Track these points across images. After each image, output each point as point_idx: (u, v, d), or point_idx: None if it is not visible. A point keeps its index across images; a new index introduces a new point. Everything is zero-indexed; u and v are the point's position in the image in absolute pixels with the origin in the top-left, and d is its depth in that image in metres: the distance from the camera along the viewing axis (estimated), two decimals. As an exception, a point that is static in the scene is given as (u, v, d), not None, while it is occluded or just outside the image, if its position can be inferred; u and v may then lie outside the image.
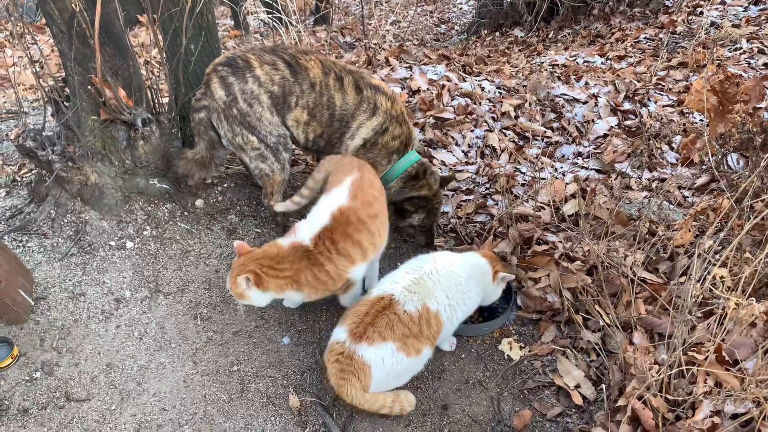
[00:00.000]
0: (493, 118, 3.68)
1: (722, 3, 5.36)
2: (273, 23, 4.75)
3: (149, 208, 2.58)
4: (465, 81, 4.08)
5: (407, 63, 4.46)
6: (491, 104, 3.81)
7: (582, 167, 3.25)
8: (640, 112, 3.67)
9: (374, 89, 2.42)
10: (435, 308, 1.92)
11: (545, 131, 3.58)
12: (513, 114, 3.70)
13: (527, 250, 2.54)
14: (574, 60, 4.67)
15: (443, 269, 2.00)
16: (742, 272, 1.89)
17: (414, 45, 5.84)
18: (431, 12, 7.90)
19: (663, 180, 3.03)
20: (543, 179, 3.06)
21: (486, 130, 3.54)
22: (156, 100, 2.58)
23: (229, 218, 2.69)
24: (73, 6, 2.08)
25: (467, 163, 3.35)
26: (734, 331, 1.83)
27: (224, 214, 2.70)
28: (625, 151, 3.26)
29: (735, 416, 1.68)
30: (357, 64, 4.45)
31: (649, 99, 3.82)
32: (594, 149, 3.41)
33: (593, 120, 3.64)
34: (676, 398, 1.75)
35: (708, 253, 1.97)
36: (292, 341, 2.21)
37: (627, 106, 3.76)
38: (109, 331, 2.18)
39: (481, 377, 2.10)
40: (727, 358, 1.81)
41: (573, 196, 2.87)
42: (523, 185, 3.11)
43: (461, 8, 8.10)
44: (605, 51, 4.90)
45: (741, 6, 5.27)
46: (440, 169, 3.20)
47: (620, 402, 1.84)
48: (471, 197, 3.02)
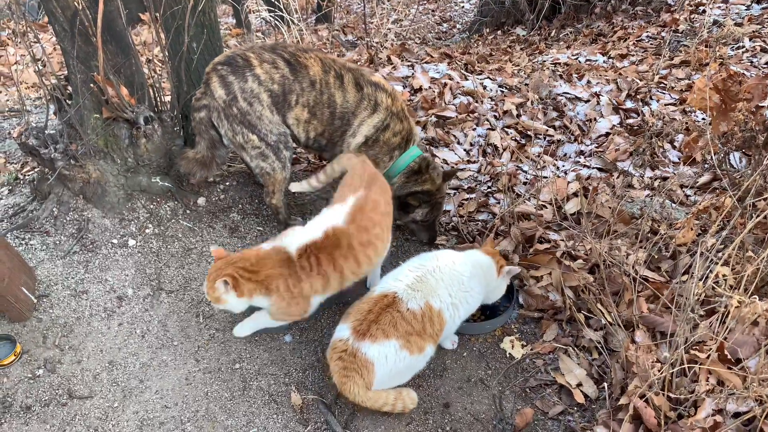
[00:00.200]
0: (495, 117, 3.67)
1: (725, 1, 5.35)
2: (275, 22, 4.75)
3: (151, 206, 2.58)
4: (467, 79, 4.08)
5: (409, 61, 4.46)
6: (493, 103, 3.81)
7: (584, 166, 3.25)
8: (642, 111, 3.67)
9: (374, 86, 2.42)
10: (438, 306, 1.92)
11: (547, 130, 3.57)
12: (515, 112, 3.69)
13: (529, 249, 2.54)
14: (576, 58, 4.66)
15: (446, 267, 2.01)
16: (745, 271, 1.89)
17: (416, 43, 5.83)
18: (433, 10, 7.89)
19: (665, 179, 3.02)
20: (545, 178, 3.06)
21: (488, 129, 3.54)
22: (158, 99, 2.59)
23: (231, 216, 2.70)
24: (76, 4, 2.08)
25: (469, 162, 3.35)
26: (736, 330, 1.83)
27: (226, 213, 2.70)
28: (627, 150, 3.26)
29: (737, 415, 1.68)
30: (359, 63, 4.45)
31: (651, 97, 3.82)
32: (596, 148, 3.40)
33: (595, 118, 3.63)
34: (678, 397, 1.75)
35: (710, 252, 1.96)
36: (294, 339, 2.21)
37: (629, 105, 3.75)
38: (112, 329, 2.18)
39: (483, 375, 2.10)
40: (730, 357, 1.81)
41: (575, 195, 2.87)
42: (525, 184, 3.10)
43: (463, 7, 8.09)
44: (607, 49, 4.89)
45: (743, 4, 5.26)
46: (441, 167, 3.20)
47: (622, 400, 1.84)
48: (473, 196, 3.02)
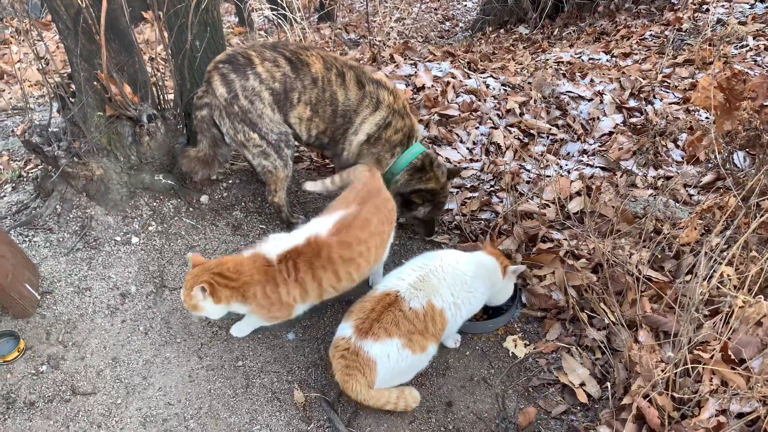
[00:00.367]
0: (498, 116, 3.67)
1: (728, 0, 5.33)
2: (277, 20, 4.75)
3: (154, 204, 2.58)
4: (470, 78, 4.07)
5: (412, 60, 4.45)
6: (496, 101, 3.80)
7: (587, 165, 3.24)
8: (646, 110, 3.66)
9: (376, 84, 2.42)
10: (440, 306, 1.92)
11: (550, 128, 3.56)
12: (518, 111, 3.69)
13: (532, 248, 2.54)
14: (579, 57, 4.65)
15: (449, 267, 2.00)
16: (749, 271, 1.89)
17: (418, 42, 5.82)
18: (435, 9, 7.88)
19: (668, 178, 3.02)
20: (548, 177, 3.05)
21: (491, 128, 3.53)
22: (161, 97, 2.59)
23: (234, 214, 2.70)
24: (79, 2, 2.08)
25: (472, 161, 3.34)
26: (740, 330, 1.83)
27: (229, 210, 2.71)
28: (631, 149, 3.25)
29: (741, 415, 1.67)
30: (362, 61, 4.45)
31: (655, 96, 3.80)
32: (599, 147, 3.39)
33: (598, 117, 3.62)
34: (682, 397, 1.75)
35: (714, 252, 1.96)
36: (297, 337, 2.21)
37: (632, 104, 3.74)
38: (115, 326, 2.19)
39: (486, 374, 2.10)
40: (733, 357, 1.80)
41: (578, 194, 2.87)
42: (528, 183, 3.10)
43: (465, 5, 8.08)
44: (610, 48, 4.88)
45: (747, 3, 5.24)
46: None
47: (625, 400, 1.83)
48: (476, 194, 3.02)
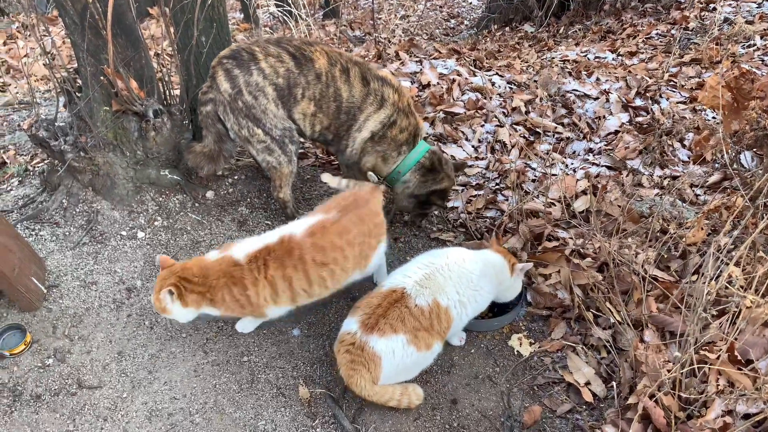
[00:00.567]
0: (504, 113, 3.66)
1: (736, -1, 5.31)
2: (283, 17, 4.75)
3: (160, 199, 2.59)
4: (475, 76, 4.06)
5: (417, 57, 4.44)
6: (502, 99, 3.79)
7: (593, 164, 3.23)
8: (652, 109, 3.64)
9: (381, 81, 2.41)
10: (445, 304, 1.92)
11: (556, 127, 3.55)
12: (523, 109, 3.68)
13: (538, 246, 2.54)
14: (585, 55, 4.64)
15: (455, 265, 2.00)
16: (756, 271, 1.88)
17: (424, 39, 5.81)
18: (441, 6, 7.86)
19: (675, 178, 3.01)
20: (554, 175, 3.05)
21: (496, 125, 3.52)
22: (167, 92, 2.59)
23: (240, 210, 2.70)
24: (87, -3, 2.08)
25: (477, 158, 3.34)
26: (747, 331, 1.82)
27: (235, 206, 2.71)
28: (637, 148, 3.24)
29: (747, 416, 1.67)
30: (367, 58, 4.44)
31: (661, 95, 3.79)
32: (605, 146, 3.39)
33: (604, 116, 3.61)
34: (688, 397, 1.75)
35: (722, 252, 1.95)
36: (302, 333, 2.22)
37: (638, 103, 3.73)
38: (121, 320, 2.19)
39: (491, 372, 2.10)
40: (740, 358, 1.80)
41: (584, 193, 2.86)
42: (534, 181, 3.09)
43: (470, 3, 8.05)
44: (616, 47, 4.86)
45: (755, 2, 5.21)
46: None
47: (631, 400, 1.83)
48: (481, 192, 3.01)
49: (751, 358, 1.78)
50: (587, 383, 2.00)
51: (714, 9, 5.13)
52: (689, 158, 3.18)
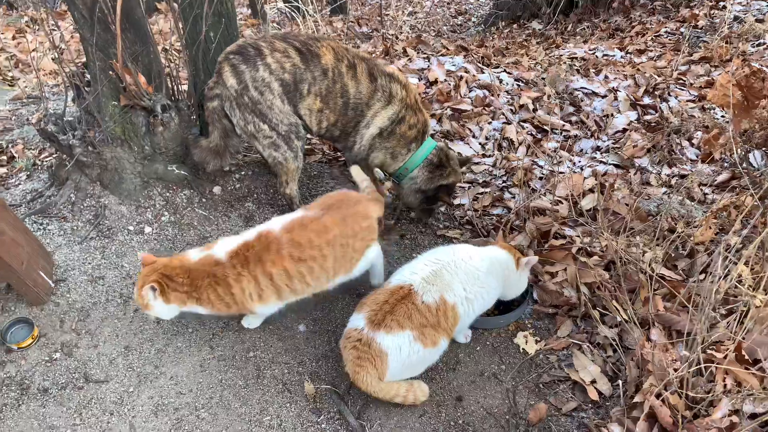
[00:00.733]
0: (511, 111, 3.65)
1: (746, -3, 5.26)
2: (290, 12, 4.74)
3: (167, 194, 2.60)
4: (483, 73, 4.05)
5: (425, 54, 4.43)
6: (509, 96, 3.78)
7: (600, 162, 3.22)
8: (660, 107, 3.62)
9: (389, 77, 2.41)
10: (452, 301, 1.92)
11: (563, 125, 3.54)
12: (531, 107, 3.66)
13: (544, 244, 2.53)
14: (594, 53, 4.61)
15: (462, 262, 1.99)
16: (764, 271, 1.87)
17: (431, 36, 5.79)
18: (448, 3, 7.83)
19: (683, 176, 2.99)
20: (561, 173, 3.03)
21: (504, 123, 3.51)
22: (175, 87, 2.59)
23: (247, 206, 2.71)
24: (96, -9, 2.08)
25: (484, 156, 3.33)
26: (755, 330, 1.81)
27: (241, 202, 2.71)
28: (645, 147, 3.22)
29: (754, 416, 1.66)
30: (374, 54, 4.43)
31: (670, 94, 3.77)
32: (613, 144, 3.37)
33: (612, 114, 3.59)
34: (695, 396, 1.74)
35: (730, 251, 1.94)
36: (308, 329, 2.22)
37: (647, 101, 3.71)
38: (128, 315, 2.20)
39: (497, 370, 2.10)
40: (747, 357, 1.78)
41: (591, 191, 2.85)
42: (541, 179, 3.08)
43: (478, 0, 8.02)
44: (625, 45, 4.83)
45: (765, 1, 5.16)
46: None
47: (637, 398, 1.82)
48: (488, 190, 3.01)
49: (759, 358, 1.77)
50: (593, 381, 2.00)
51: (724, 7, 5.09)
52: (698, 157, 3.16)
